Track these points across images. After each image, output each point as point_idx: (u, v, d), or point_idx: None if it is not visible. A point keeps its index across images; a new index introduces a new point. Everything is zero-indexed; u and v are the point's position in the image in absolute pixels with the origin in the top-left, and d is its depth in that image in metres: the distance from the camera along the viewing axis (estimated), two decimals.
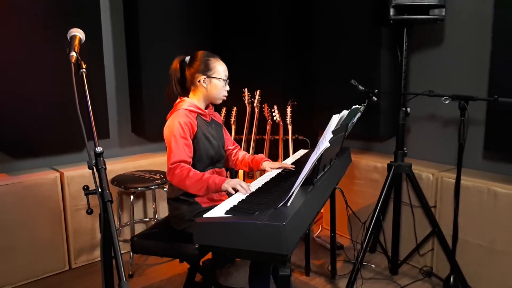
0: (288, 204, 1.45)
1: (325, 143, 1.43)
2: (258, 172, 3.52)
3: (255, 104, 3.45)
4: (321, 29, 3.32)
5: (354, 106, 2.13)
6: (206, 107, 2.09)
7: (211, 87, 2.01)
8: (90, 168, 1.27)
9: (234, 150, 2.29)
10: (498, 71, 2.41)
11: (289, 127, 3.35)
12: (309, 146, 3.40)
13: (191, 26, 3.44)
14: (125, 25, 3.33)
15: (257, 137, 3.48)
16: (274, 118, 3.39)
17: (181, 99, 2.02)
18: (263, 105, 3.47)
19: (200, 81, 1.99)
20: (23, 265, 2.65)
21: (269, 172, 2.12)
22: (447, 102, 2.30)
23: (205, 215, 1.48)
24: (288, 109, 3.34)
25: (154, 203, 3.21)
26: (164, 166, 2.97)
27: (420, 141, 3.03)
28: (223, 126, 2.25)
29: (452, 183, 2.46)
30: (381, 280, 2.69)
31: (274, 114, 3.38)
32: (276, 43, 3.58)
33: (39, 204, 2.68)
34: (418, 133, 3.03)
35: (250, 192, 1.74)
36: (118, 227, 3.06)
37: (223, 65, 2.04)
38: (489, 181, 2.42)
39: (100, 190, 1.26)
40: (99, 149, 1.28)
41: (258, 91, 3.47)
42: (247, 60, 3.59)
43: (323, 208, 3.38)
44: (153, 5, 3.20)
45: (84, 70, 1.39)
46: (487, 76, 2.53)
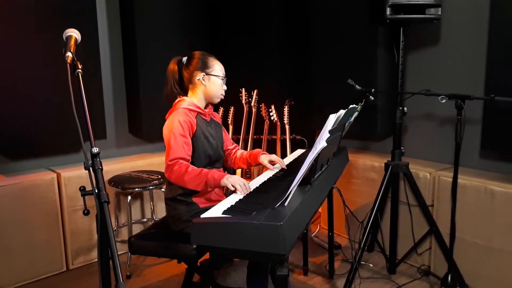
0: (286, 204, 1.45)
1: (322, 143, 1.43)
2: (256, 171, 3.52)
3: (253, 104, 3.45)
4: (318, 29, 3.32)
5: (351, 106, 2.14)
6: (206, 107, 2.09)
7: (210, 85, 2.01)
8: (87, 169, 1.27)
9: (234, 150, 2.29)
10: (495, 70, 2.42)
11: (287, 127, 3.35)
12: (307, 146, 3.41)
13: (188, 26, 3.43)
14: (122, 25, 3.32)
15: (255, 137, 3.48)
16: (272, 118, 3.39)
17: (181, 98, 2.03)
18: (261, 105, 3.47)
19: (199, 79, 2.00)
20: (20, 266, 2.64)
21: (267, 172, 2.12)
22: (444, 101, 2.30)
23: (203, 215, 1.47)
24: (286, 109, 3.34)
25: (152, 204, 3.21)
26: (162, 167, 2.97)
27: (417, 140, 3.03)
28: (223, 127, 2.25)
29: (449, 182, 2.47)
30: (379, 279, 2.70)
31: (272, 114, 3.38)
32: (273, 43, 3.58)
33: (36, 205, 2.67)
34: (415, 132, 3.04)
35: (249, 192, 1.74)
36: (116, 228, 3.06)
37: (220, 64, 2.07)
38: (486, 180, 2.43)
39: (97, 191, 1.25)
40: (96, 150, 1.28)
41: (256, 91, 3.47)
42: (244, 60, 3.59)
43: (321, 208, 3.38)
44: (150, 4, 3.19)
45: (80, 71, 1.39)
46: (484, 75, 2.53)
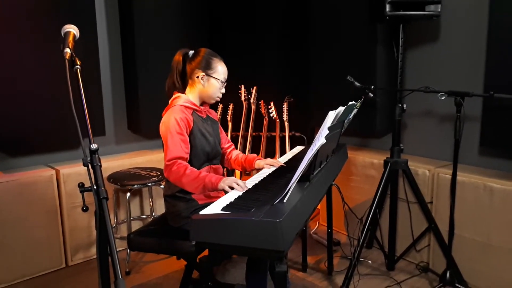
0: (285, 201, 1.45)
1: (321, 140, 1.43)
2: (256, 171, 3.52)
3: (252, 101, 3.45)
4: (318, 25, 3.31)
5: (350, 103, 2.13)
6: (201, 104, 2.08)
7: (208, 86, 2.00)
8: (85, 165, 1.26)
9: (229, 149, 2.28)
10: (494, 67, 2.41)
11: (286, 124, 3.35)
12: (306, 143, 3.40)
13: (187, 22, 3.42)
14: (120, 21, 3.30)
15: (254, 134, 3.47)
16: (271, 115, 3.38)
17: (177, 95, 2.01)
18: (260, 102, 3.46)
19: (199, 77, 1.98)
20: (20, 263, 2.64)
21: (266, 169, 2.12)
22: (443, 98, 2.30)
23: (202, 212, 1.47)
24: (285, 106, 3.34)
25: (151, 200, 3.21)
26: (161, 163, 2.97)
27: (416, 137, 3.03)
28: (219, 124, 2.24)
29: (448, 179, 2.47)
30: (378, 276, 2.70)
31: (271, 111, 3.37)
32: (273, 40, 3.57)
33: (35, 202, 2.67)
34: (414, 129, 3.04)
35: (247, 189, 1.74)
36: (115, 225, 3.06)
37: (224, 67, 2.03)
38: (485, 177, 2.43)
39: (96, 188, 1.25)
40: (94, 146, 1.28)
41: (255, 88, 3.46)
42: (244, 57, 3.58)
43: (320, 205, 3.39)
44: (149, 2, 3.18)
45: (79, 67, 1.38)
46: (483, 72, 2.53)
